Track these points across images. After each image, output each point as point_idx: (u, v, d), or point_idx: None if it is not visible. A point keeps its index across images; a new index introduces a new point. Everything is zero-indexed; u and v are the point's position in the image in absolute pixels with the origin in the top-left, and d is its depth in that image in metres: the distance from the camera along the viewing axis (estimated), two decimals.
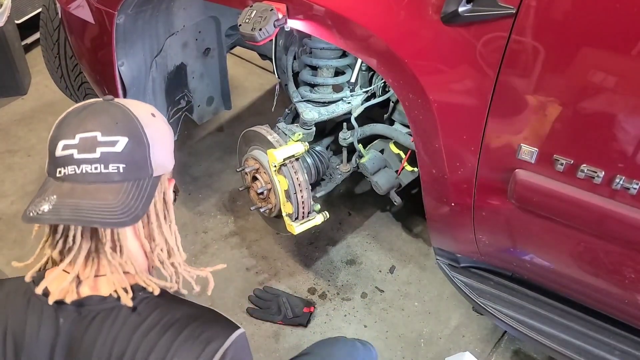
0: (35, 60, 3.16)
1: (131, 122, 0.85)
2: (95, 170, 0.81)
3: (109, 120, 0.84)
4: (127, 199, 0.82)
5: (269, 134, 1.78)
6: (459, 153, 1.29)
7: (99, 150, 0.82)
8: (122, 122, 0.84)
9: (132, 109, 0.87)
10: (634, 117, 1.03)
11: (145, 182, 0.85)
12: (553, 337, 1.46)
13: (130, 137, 0.84)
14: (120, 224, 0.81)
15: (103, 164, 0.82)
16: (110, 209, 0.80)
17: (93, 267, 0.85)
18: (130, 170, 0.83)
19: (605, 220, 1.16)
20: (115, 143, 0.82)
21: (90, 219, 0.79)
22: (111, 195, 0.81)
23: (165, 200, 0.91)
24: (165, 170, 0.90)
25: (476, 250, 1.53)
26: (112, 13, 1.66)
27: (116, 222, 0.80)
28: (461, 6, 1.09)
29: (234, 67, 3.10)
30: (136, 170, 0.84)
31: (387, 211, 2.33)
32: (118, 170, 0.82)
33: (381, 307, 1.97)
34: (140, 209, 0.83)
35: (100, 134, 0.82)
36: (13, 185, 2.45)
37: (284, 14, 1.33)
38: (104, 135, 0.82)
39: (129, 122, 0.85)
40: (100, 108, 0.86)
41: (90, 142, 0.82)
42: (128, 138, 0.83)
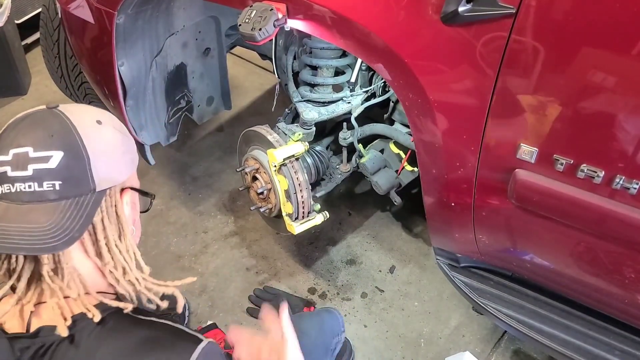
0: (35, 60, 3.16)
1: (68, 133, 0.78)
2: (29, 189, 0.75)
3: (43, 133, 0.77)
4: (62, 220, 0.75)
5: (269, 134, 1.78)
6: (459, 153, 1.29)
7: (31, 168, 0.75)
8: (58, 134, 0.78)
9: (72, 118, 0.80)
10: (634, 117, 1.03)
11: (85, 199, 0.78)
12: (553, 337, 1.46)
13: (65, 150, 0.77)
14: (48, 249, 0.74)
15: (37, 181, 0.75)
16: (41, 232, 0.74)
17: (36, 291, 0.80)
18: (68, 187, 0.77)
19: (605, 220, 1.16)
20: (48, 159, 0.76)
21: (16, 246, 0.73)
22: (45, 216, 0.75)
23: (117, 215, 0.84)
24: (113, 182, 0.82)
25: (476, 250, 1.53)
26: (112, 13, 1.66)
27: (44, 248, 0.74)
28: (461, 6, 1.09)
29: (234, 67, 3.10)
30: (75, 187, 0.77)
31: (387, 211, 2.33)
32: (53, 187, 0.76)
33: (381, 307, 1.97)
34: (76, 229, 0.76)
35: (32, 149, 0.76)
36: None
37: (284, 14, 1.33)
38: (37, 151, 0.76)
39: (65, 134, 0.78)
40: (39, 119, 0.80)
41: (23, 158, 0.76)
42: (63, 152, 0.77)
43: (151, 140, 2.12)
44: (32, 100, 2.95)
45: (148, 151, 2.12)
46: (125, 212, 0.86)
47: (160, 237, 2.24)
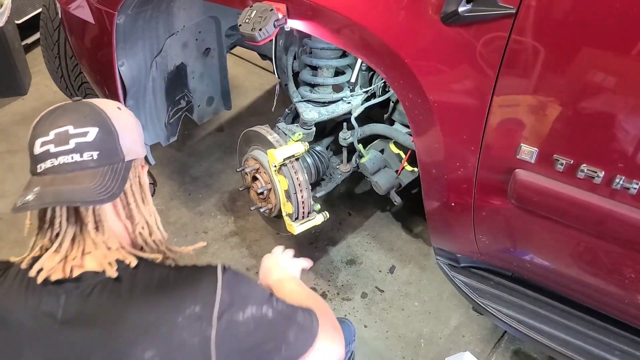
0: (35, 60, 3.16)
1: (99, 114, 0.94)
2: (71, 159, 0.89)
3: (79, 115, 0.93)
4: (104, 181, 0.90)
5: (269, 134, 1.78)
6: (459, 153, 1.29)
7: (73, 142, 0.90)
8: (91, 115, 0.93)
9: (98, 104, 0.96)
10: (634, 117, 1.03)
11: (118, 166, 0.93)
12: (553, 337, 1.46)
13: (99, 127, 0.92)
14: (99, 201, 0.88)
15: (78, 153, 0.90)
16: (89, 190, 0.88)
17: (79, 248, 0.92)
18: (104, 157, 0.92)
19: (605, 220, 1.16)
20: (86, 134, 0.91)
21: (71, 199, 0.87)
22: (89, 179, 0.89)
23: (140, 184, 1.00)
24: (136, 155, 0.98)
25: (476, 250, 1.53)
26: (112, 13, 1.66)
27: (95, 200, 0.88)
28: (461, 6, 1.09)
29: (234, 67, 3.10)
30: (109, 156, 0.93)
31: (387, 211, 2.33)
32: (92, 157, 0.90)
33: (381, 307, 1.98)
34: (116, 188, 0.91)
35: (72, 127, 0.91)
36: (13, 185, 2.45)
37: (284, 14, 1.34)
38: (76, 128, 0.91)
39: (96, 115, 0.93)
40: (70, 107, 0.95)
41: (64, 135, 0.90)
42: (98, 128, 0.92)
43: (151, 140, 2.12)
44: (32, 100, 2.95)
45: (148, 151, 2.12)
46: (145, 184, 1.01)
47: None
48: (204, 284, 0.90)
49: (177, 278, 0.92)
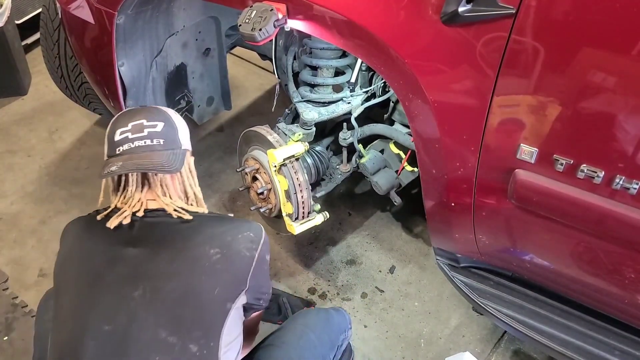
0: (35, 60, 3.16)
1: (163, 113, 1.26)
2: (144, 143, 1.19)
3: (149, 113, 1.24)
4: (169, 159, 1.18)
5: (269, 134, 1.78)
6: (459, 153, 1.29)
7: (146, 130, 1.19)
8: (158, 114, 1.25)
9: (162, 108, 1.28)
10: (634, 117, 1.04)
11: (178, 152, 1.22)
12: (553, 337, 1.46)
13: (165, 122, 1.23)
14: (167, 171, 1.17)
15: (150, 139, 1.19)
16: (159, 164, 1.16)
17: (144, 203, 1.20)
18: (168, 143, 1.21)
19: (605, 220, 1.16)
20: (156, 125, 1.21)
21: (148, 168, 1.15)
22: (157, 157, 1.18)
23: (190, 169, 1.30)
24: (188, 146, 1.28)
25: (476, 250, 1.53)
26: (112, 13, 1.66)
27: (164, 170, 1.17)
28: (461, 6, 1.09)
29: (234, 67, 3.10)
30: (171, 143, 1.22)
31: (387, 211, 2.33)
32: (159, 142, 1.20)
33: (381, 307, 1.98)
34: (177, 165, 1.19)
35: (145, 120, 1.21)
36: (13, 185, 2.45)
37: (284, 14, 1.34)
38: (148, 121, 1.21)
39: (162, 114, 1.25)
40: (141, 108, 1.28)
41: (140, 126, 1.20)
42: (164, 123, 1.22)
43: None
44: (32, 100, 2.95)
45: None
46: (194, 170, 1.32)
47: None
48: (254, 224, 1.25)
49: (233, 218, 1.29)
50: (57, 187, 2.44)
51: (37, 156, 2.61)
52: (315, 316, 1.47)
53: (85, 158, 2.59)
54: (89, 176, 2.49)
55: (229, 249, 1.17)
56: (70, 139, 2.71)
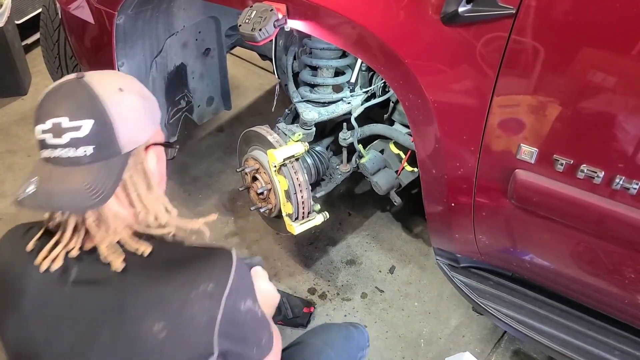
0: (35, 60, 3.16)
1: (94, 103, 0.88)
2: (66, 154, 0.87)
3: (74, 104, 0.88)
4: (96, 181, 0.87)
5: (269, 134, 1.78)
6: (459, 153, 1.29)
7: (67, 136, 0.86)
8: (86, 105, 0.88)
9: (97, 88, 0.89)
10: (634, 117, 1.04)
11: (114, 161, 0.89)
12: (553, 337, 1.46)
13: (95, 119, 0.87)
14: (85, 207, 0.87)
15: (73, 147, 0.87)
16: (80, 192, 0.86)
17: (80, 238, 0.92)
18: (99, 151, 0.88)
19: (605, 220, 1.16)
20: (79, 128, 0.86)
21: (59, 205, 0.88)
22: (81, 177, 0.87)
23: (144, 171, 0.95)
24: (137, 144, 0.92)
25: (476, 250, 1.53)
26: (112, 13, 1.66)
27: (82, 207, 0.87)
28: (461, 6, 1.09)
29: (234, 67, 3.10)
30: (104, 151, 0.88)
31: (387, 211, 2.33)
32: (86, 153, 0.87)
33: (381, 307, 1.98)
34: (109, 188, 0.88)
35: (67, 119, 0.86)
36: (13, 185, 2.45)
37: (284, 14, 1.34)
38: (71, 121, 0.86)
39: (92, 105, 0.88)
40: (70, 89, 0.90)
41: (59, 128, 0.87)
42: (93, 120, 0.87)
43: None
44: (32, 100, 2.95)
45: None
46: (150, 167, 0.97)
47: None
48: (219, 263, 0.93)
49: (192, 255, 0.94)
50: None
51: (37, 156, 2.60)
52: (336, 333, 1.40)
53: None
54: None
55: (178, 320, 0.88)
56: None
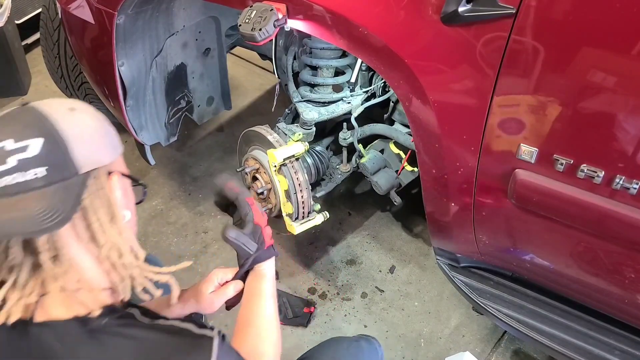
0: (35, 60, 3.16)
1: (42, 122, 0.80)
2: (13, 180, 0.75)
3: (18, 126, 0.79)
4: (52, 203, 0.76)
5: (269, 134, 1.78)
6: (459, 153, 1.29)
7: (13, 159, 0.76)
8: (32, 124, 0.79)
9: (44, 109, 0.82)
10: (634, 117, 1.03)
11: (71, 182, 0.79)
12: (553, 337, 1.46)
13: (44, 137, 0.78)
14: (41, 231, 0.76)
15: (20, 171, 0.76)
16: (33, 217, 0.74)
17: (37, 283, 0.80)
18: (52, 173, 0.77)
19: (605, 220, 1.16)
20: (26, 148, 0.76)
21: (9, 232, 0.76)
22: (34, 203, 0.75)
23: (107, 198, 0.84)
24: (96, 164, 0.82)
25: (476, 250, 1.53)
26: (112, 13, 1.66)
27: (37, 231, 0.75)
28: (461, 6, 1.09)
29: (234, 67, 3.10)
30: (58, 172, 0.78)
31: (387, 211, 2.33)
32: (37, 175, 0.76)
33: (381, 307, 1.98)
34: (68, 210, 0.77)
35: (12, 140, 0.77)
36: None
37: (284, 14, 1.33)
38: (16, 142, 0.77)
39: (40, 123, 0.79)
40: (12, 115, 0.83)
41: (2, 152, 0.76)
42: (43, 139, 0.78)
43: (151, 140, 2.12)
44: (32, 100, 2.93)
45: (148, 151, 2.12)
46: (115, 196, 0.86)
47: (161, 237, 2.24)
48: None
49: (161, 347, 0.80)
50: None
51: None
52: (346, 350, 1.29)
53: None
54: None
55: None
56: None
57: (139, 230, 2.22)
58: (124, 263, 0.85)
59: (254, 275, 1.13)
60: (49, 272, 0.79)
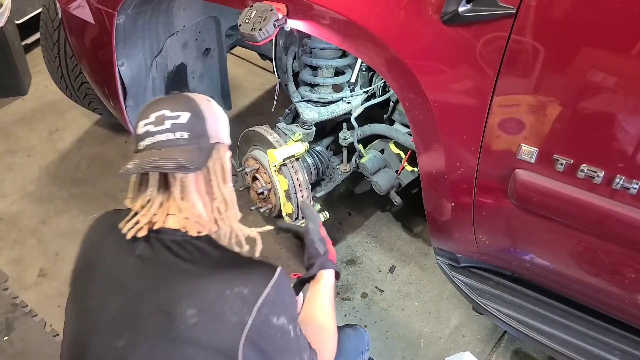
0: (35, 60, 3.16)
1: (191, 102, 1.09)
2: (166, 137, 1.04)
3: (174, 102, 1.08)
4: (191, 156, 1.04)
5: (269, 134, 1.78)
6: (459, 153, 1.29)
7: (168, 122, 1.05)
8: (184, 103, 1.09)
9: (191, 95, 1.12)
10: (634, 117, 1.03)
11: (204, 146, 1.07)
12: (553, 337, 1.46)
13: (191, 112, 1.07)
14: (184, 170, 1.03)
15: (172, 132, 1.05)
16: (178, 161, 1.02)
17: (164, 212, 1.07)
18: (193, 137, 1.06)
19: (605, 220, 1.16)
20: (179, 117, 1.06)
21: (162, 167, 1.03)
22: (179, 154, 1.03)
23: (222, 165, 1.12)
24: (220, 140, 1.11)
25: (476, 250, 1.53)
26: (112, 13, 1.66)
27: (182, 169, 1.03)
28: (461, 6, 1.09)
29: (234, 67, 3.10)
30: (197, 137, 1.07)
31: (387, 211, 2.33)
32: (183, 136, 1.05)
33: (381, 307, 1.98)
34: (201, 162, 1.05)
35: (168, 111, 1.06)
36: (13, 185, 2.45)
37: (284, 14, 1.34)
38: (172, 112, 1.06)
39: (189, 103, 1.09)
40: (168, 97, 1.12)
41: (162, 117, 1.06)
42: (190, 113, 1.07)
43: None
44: (32, 100, 2.95)
45: None
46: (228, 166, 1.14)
47: None
48: (259, 273, 1.01)
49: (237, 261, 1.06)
50: (57, 187, 2.44)
51: (37, 156, 2.61)
52: None
53: (85, 158, 2.60)
54: (89, 176, 2.49)
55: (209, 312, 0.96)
56: (70, 139, 2.71)
57: None
58: (228, 215, 1.13)
59: (316, 281, 1.29)
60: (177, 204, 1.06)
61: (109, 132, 2.74)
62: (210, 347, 0.96)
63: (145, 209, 1.07)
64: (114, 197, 2.39)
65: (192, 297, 0.97)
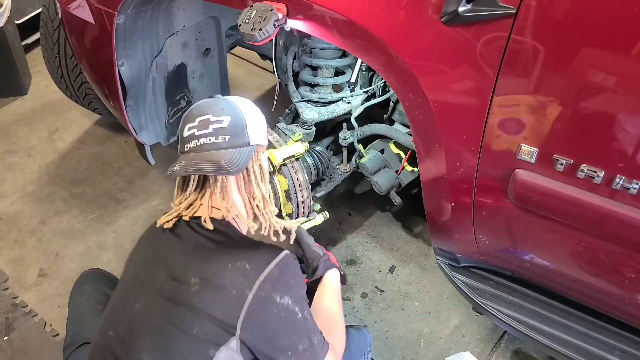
0: (35, 60, 3.16)
1: (232, 107, 1.18)
2: (209, 141, 1.14)
3: (217, 107, 1.18)
4: (232, 159, 1.13)
5: (269, 134, 1.78)
6: (459, 153, 1.29)
7: (212, 127, 1.15)
8: (226, 107, 1.18)
9: (231, 99, 1.22)
10: (634, 117, 1.04)
11: (245, 149, 1.16)
12: (553, 337, 1.46)
13: (232, 116, 1.16)
14: (225, 173, 1.12)
15: (214, 136, 1.14)
16: (220, 164, 1.11)
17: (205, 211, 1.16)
18: (234, 140, 1.15)
19: (605, 220, 1.16)
20: (221, 121, 1.15)
21: (206, 170, 1.12)
22: (220, 156, 1.13)
23: (260, 165, 1.22)
24: (259, 142, 1.20)
25: (476, 250, 1.53)
26: (112, 13, 1.66)
27: (223, 172, 1.12)
28: (461, 6, 1.09)
29: (234, 67, 3.10)
30: (238, 140, 1.16)
31: (387, 211, 2.33)
32: (225, 139, 1.14)
33: (381, 307, 1.98)
34: (242, 164, 1.14)
35: (211, 115, 1.16)
36: (13, 185, 2.45)
37: (284, 14, 1.34)
38: (215, 117, 1.15)
39: (229, 107, 1.18)
40: (209, 102, 1.21)
41: (205, 122, 1.15)
42: (231, 117, 1.16)
43: (151, 140, 2.12)
44: (32, 100, 2.95)
45: (148, 151, 2.12)
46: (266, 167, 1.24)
47: None
48: (264, 252, 1.10)
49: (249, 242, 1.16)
50: (57, 187, 2.44)
51: (37, 156, 2.61)
52: None
53: (85, 158, 2.60)
54: (89, 176, 2.49)
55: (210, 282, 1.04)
56: (70, 139, 2.71)
57: (140, 229, 2.23)
58: (269, 211, 1.23)
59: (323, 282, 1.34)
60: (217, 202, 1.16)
61: (109, 132, 2.74)
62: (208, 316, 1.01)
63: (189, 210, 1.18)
64: (114, 197, 2.39)
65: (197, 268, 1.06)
